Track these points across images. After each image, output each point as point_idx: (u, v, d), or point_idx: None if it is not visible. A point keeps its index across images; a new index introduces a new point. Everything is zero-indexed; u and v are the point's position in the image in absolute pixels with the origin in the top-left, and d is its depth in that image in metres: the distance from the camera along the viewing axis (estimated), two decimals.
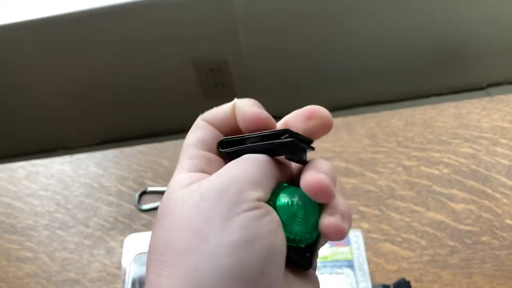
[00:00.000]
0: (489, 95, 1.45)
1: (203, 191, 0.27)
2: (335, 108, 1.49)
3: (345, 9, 1.26)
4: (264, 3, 1.23)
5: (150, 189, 0.69)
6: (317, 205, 0.29)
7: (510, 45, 1.37)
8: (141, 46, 1.27)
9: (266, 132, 0.29)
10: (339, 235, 0.28)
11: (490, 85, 1.47)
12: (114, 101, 1.41)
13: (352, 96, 1.49)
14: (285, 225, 0.28)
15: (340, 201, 0.29)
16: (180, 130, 1.30)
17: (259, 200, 0.27)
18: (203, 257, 0.25)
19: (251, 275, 0.25)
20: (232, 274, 0.25)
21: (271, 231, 0.27)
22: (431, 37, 1.34)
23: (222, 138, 0.31)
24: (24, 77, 1.32)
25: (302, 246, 0.28)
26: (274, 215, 0.28)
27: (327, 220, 0.28)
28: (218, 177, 0.28)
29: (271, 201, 0.29)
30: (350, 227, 0.29)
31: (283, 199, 0.29)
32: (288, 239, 0.28)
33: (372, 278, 0.56)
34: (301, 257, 0.29)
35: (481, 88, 1.47)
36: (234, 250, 0.25)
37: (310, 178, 0.28)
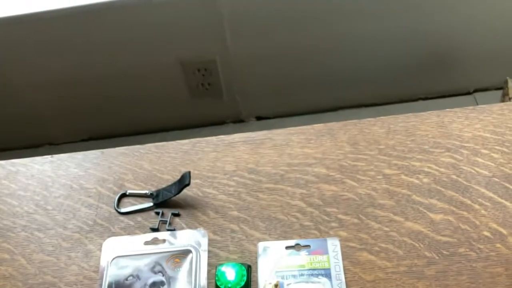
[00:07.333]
0: (475, 100, 1.45)
1: None
2: (322, 110, 1.49)
3: (333, 12, 1.26)
4: (251, 3, 1.22)
5: (129, 192, 0.68)
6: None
7: (496, 50, 1.38)
8: (128, 44, 1.26)
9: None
10: None
11: (477, 90, 1.47)
12: (100, 98, 1.40)
13: (339, 98, 1.49)
14: None
15: None
16: (167, 128, 1.31)
17: None
18: None
19: None
20: None
21: None
22: (419, 41, 1.34)
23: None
24: (9, 74, 1.31)
25: None
26: None
27: None
28: None
29: None
30: None
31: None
32: None
33: (348, 287, 0.56)
34: None
35: (468, 93, 1.48)
36: None
37: None
